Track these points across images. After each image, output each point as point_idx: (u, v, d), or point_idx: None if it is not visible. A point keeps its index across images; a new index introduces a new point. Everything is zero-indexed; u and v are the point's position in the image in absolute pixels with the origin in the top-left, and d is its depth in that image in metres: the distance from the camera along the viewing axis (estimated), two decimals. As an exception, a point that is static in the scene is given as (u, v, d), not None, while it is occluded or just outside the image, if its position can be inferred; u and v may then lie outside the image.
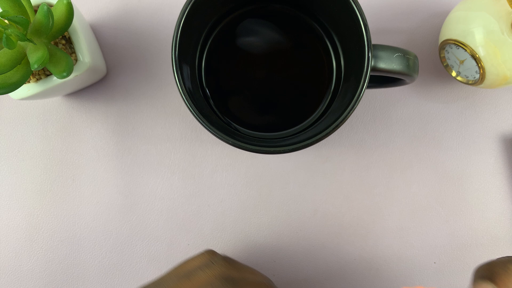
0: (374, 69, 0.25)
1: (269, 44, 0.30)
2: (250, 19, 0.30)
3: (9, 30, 0.24)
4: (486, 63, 0.28)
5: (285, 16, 0.30)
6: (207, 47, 0.30)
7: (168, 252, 0.33)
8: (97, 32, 0.34)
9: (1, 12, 0.24)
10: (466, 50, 0.28)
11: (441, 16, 0.33)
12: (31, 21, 0.26)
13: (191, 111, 0.25)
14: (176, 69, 0.25)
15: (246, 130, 0.30)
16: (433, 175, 0.33)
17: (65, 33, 0.29)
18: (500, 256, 0.24)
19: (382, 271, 0.33)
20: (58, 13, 0.27)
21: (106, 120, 0.34)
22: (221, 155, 0.33)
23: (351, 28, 0.26)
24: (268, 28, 0.30)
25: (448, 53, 0.30)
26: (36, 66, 0.24)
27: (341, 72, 0.29)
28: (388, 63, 0.25)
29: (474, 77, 0.29)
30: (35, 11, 0.28)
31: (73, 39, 0.29)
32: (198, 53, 0.30)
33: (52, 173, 0.34)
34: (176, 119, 0.34)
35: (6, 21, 0.25)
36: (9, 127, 0.34)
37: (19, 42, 0.25)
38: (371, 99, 0.34)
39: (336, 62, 0.30)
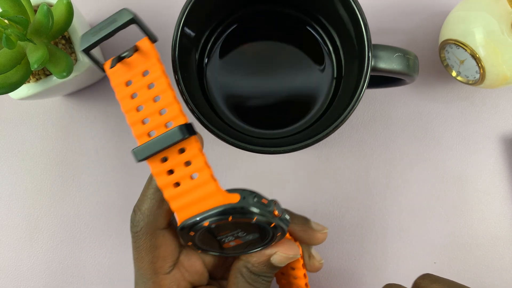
0: (374, 69, 0.25)
1: (269, 43, 0.30)
2: (250, 19, 0.30)
3: (9, 30, 0.24)
4: (486, 63, 0.28)
5: (286, 16, 0.30)
6: (208, 47, 0.30)
7: (168, 252, 0.33)
8: (97, 32, 0.34)
9: (1, 12, 0.24)
10: (466, 50, 0.28)
11: (441, 16, 0.33)
12: (31, 21, 0.26)
13: (191, 111, 0.25)
14: (176, 69, 0.25)
15: (246, 130, 0.30)
16: (433, 175, 0.33)
17: (65, 33, 0.29)
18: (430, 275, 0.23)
19: (382, 271, 0.33)
20: (58, 13, 0.27)
21: (106, 120, 0.34)
22: (221, 155, 0.33)
23: (351, 28, 0.26)
24: (268, 28, 0.30)
25: (448, 53, 0.30)
26: (36, 66, 0.24)
27: (341, 72, 0.29)
28: (388, 63, 0.25)
29: (474, 77, 0.29)
30: (35, 11, 0.28)
31: (73, 39, 0.29)
32: (198, 53, 0.30)
33: (52, 173, 0.34)
34: (176, 119, 0.34)
35: (6, 21, 0.25)
36: (9, 127, 0.34)
37: (19, 42, 0.25)
38: (371, 99, 0.34)
39: (337, 62, 0.30)
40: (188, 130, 0.18)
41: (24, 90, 0.28)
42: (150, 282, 0.23)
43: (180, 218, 0.20)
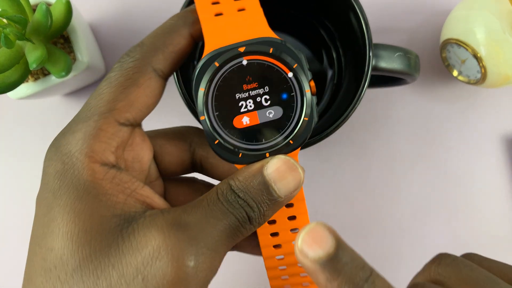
0: (375, 68, 0.25)
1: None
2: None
3: (8, 29, 0.24)
4: (488, 62, 0.27)
5: (286, 16, 0.30)
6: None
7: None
8: (96, 32, 0.34)
9: (0, 11, 0.24)
10: (467, 50, 0.28)
11: (443, 16, 0.33)
12: (30, 20, 0.26)
13: (191, 111, 0.25)
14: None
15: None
16: (434, 175, 0.33)
17: (64, 32, 0.29)
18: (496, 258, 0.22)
19: (382, 271, 0.33)
20: (57, 12, 0.26)
21: (106, 120, 0.34)
22: (221, 155, 0.33)
23: (352, 27, 0.26)
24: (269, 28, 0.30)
25: (449, 52, 0.30)
26: (34, 65, 0.24)
27: (342, 72, 0.29)
28: (389, 63, 0.25)
29: (476, 77, 0.29)
30: (34, 10, 0.28)
31: (72, 38, 0.28)
32: (198, 52, 0.29)
33: (51, 173, 0.34)
34: (176, 119, 0.33)
35: (4, 20, 0.25)
36: (7, 126, 0.34)
37: (17, 41, 0.25)
38: (371, 99, 0.33)
39: (337, 61, 0.30)
40: None
41: (23, 89, 0.28)
42: (95, 117, 0.18)
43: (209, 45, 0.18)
